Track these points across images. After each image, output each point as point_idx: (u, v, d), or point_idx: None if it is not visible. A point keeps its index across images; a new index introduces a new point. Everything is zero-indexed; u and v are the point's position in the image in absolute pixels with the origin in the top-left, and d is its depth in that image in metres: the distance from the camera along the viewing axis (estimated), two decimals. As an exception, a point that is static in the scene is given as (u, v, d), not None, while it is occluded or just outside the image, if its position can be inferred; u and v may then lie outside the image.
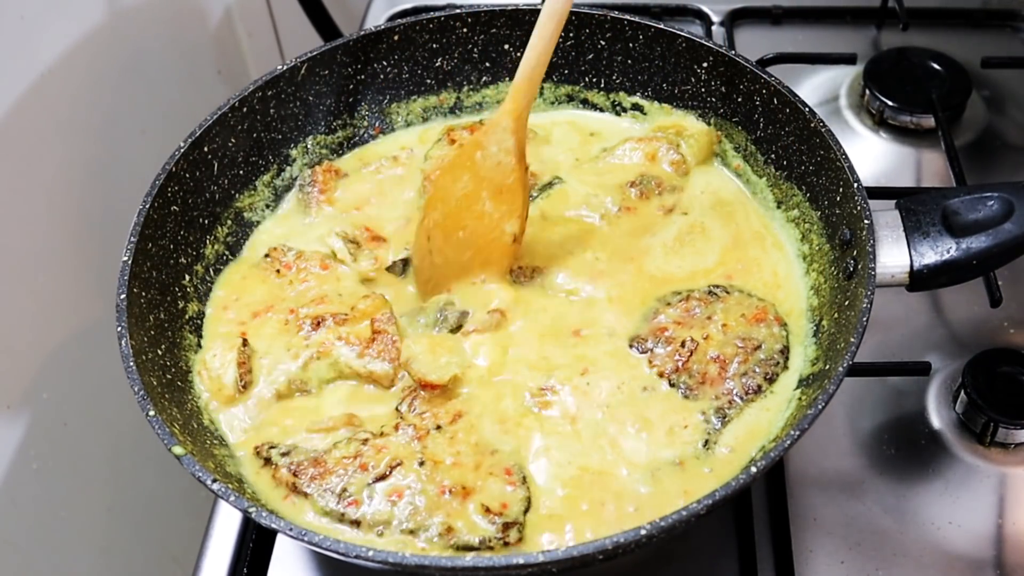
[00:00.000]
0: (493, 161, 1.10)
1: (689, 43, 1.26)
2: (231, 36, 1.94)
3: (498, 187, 1.11)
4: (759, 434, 1.02)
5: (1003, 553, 1.10)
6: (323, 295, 1.15)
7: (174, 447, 0.92)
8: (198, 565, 1.13)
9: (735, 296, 1.12)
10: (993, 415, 1.15)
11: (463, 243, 1.12)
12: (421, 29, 1.31)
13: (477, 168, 1.11)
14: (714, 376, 1.05)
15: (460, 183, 1.13)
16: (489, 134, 1.11)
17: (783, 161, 1.21)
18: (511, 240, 1.11)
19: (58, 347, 1.46)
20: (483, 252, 1.12)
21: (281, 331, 1.12)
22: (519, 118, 1.10)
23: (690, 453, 1.01)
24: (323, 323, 1.10)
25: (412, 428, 1.01)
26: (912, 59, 1.57)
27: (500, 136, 1.10)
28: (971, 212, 1.04)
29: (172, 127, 1.66)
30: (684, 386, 1.05)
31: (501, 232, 1.11)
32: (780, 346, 1.07)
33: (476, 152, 1.12)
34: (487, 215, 1.11)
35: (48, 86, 1.40)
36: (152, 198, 1.10)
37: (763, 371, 1.05)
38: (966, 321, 1.30)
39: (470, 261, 1.13)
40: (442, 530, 0.94)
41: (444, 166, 1.19)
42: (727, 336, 1.07)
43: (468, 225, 1.12)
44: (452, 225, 1.13)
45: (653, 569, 1.11)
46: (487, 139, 1.11)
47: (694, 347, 1.07)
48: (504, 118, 1.10)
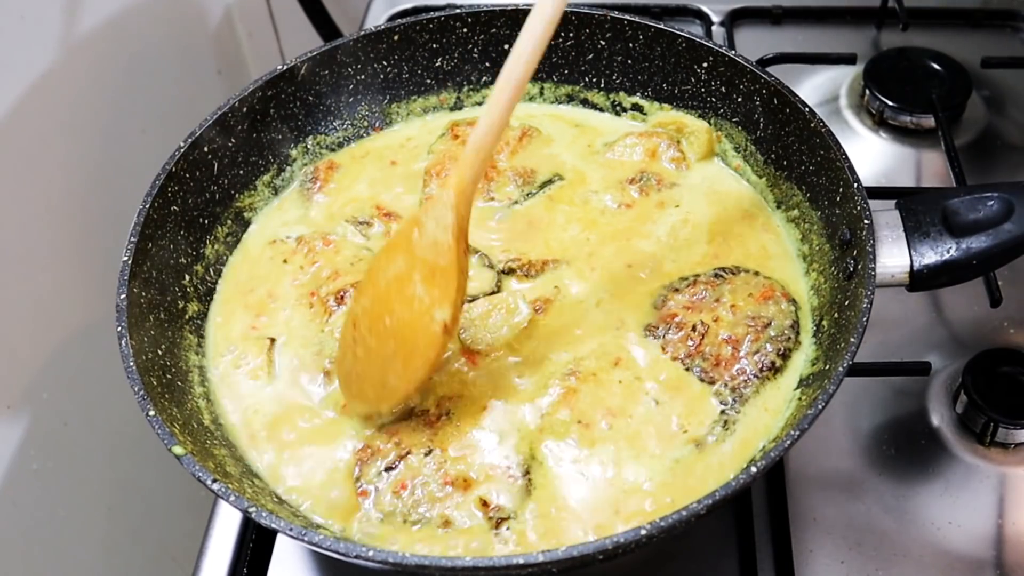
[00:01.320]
0: (429, 239, 0.99)
1: (689, 43, 1.26)
2: (231, 36, 1.94)
3: (431, 268, 0.99)
4: (759, 434, 1.02)
5: (1003, 553, 1.10)
6: (336, 269, 1.16)
7: (174, 447, 0.92)
8: (198, 565, 1.13)
9: (741, 276, 1.12)
10: (993, 415, 1.15)
11: (388, 331, 1.01)
12: (421, 29, 1.31)
13: (412, 247, 1.00)
14: (728, 357, 1.06)
15: (393, 264, 1.02)
16: (428, 210, 1.00)
17: (783, 161, 1.21)
18: (440, 329, 0.98)
19: (58, 347, 1.46)
20: (408, 342, 1.00)
21: (309, 318, 1.13)
22: (462, 192, 0.98)
23: (707, 435, 1.02)
24: (346, 295, 1.12)
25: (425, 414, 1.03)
26: (912, 59, 1.57)
27: (439, 212, 0.98)
28: (971, 212, 1.04)
29: (172, 127, 1.66)
30: (699, 369, 1.06)
31: (431, 319, 0.99)
32: (790, 321, 1.08)
33: (413, 230, 1.01)
34: (417, 299, 1.00)
35: (48, 86, 1.40)
36: (152, 198, 1.10)
37: (775, 348, 1.06)
38: (966, 321, 1.30)
39: (393, 354, 1.01)
40: (440, 522, 0.96)
41: (382, 249, 1.08)
42: (736, 316, 1.08)
43: (395, 310, 1.01)
44: (379, 310, 1.02)
45: (653, 569, 1.11)
46: (426, 215, 1.00)
47: (705, 330, 1.07)
48: (445, 192, 0.98)
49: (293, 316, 1.14)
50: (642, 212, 1.22)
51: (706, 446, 1.01)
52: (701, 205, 1.23)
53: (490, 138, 0.96)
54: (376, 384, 1.02)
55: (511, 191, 1.25)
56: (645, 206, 1.23)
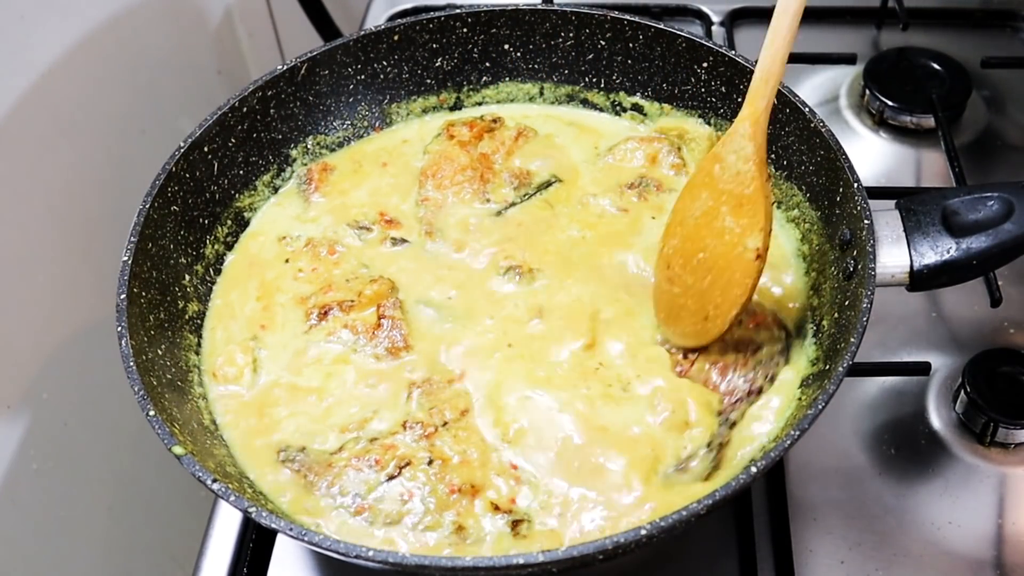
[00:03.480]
0: (732, 171, 1.03)
1: (689, 43, 1.26)
2: (231, 36, 1.94)
3: (738, 199, 1.03)
4: (759, 434, 1.02)
5: (1003, 553, 1.10)
6: (330, 283, 1.16)
7: (174, 447, 0.92)
8: (198, 565, 1.13)
9: None
10: (993, 415, 1.15)
11: (703, 266, 1.05)
12: (421, 29, 1.31)
13: (715, 182, 1.04)
14: (716, 382, 1.05)
15: (699, 202, 1.06)
16: (726, 143, 1.04)
17: (783, 161, 1.21)
18: (754, 256, 1.02)
19: (58, 347, 1.45)
20: (724, 274, 1.04)
21: (291, 323, 1.13)
22: (757, 122, 1.02)
23: (694, 456, 1.01)
24: (330, 312, 1.12)
25: (420, 426, 1.02)
26: (912, 59, 1.57)
27: (738, 143, 1.03)
28: (971, 212, 1.04)
29: (172, 127, 1.66)
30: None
31: (744, 248, 1.02)
32: (779, 347, 1.07)
33: (714, 165, 1.05)
34: (727, 231, 1.03)
35: (48, 86, 1.40)
36: (152, 198, 1.10)
37: (764, 372, 1.05)
38: (966, 321, 1.30)
39: (710, 286, 1.05)
40: (454, 528, 0.95)
41: (684, 188, 1.10)
42: (726, 342, 1.07)
43: (708, 245, 1.04)
44: (691, 248, 1.06)
45: (653, 569, 1.11)
46: (724, 149, 1.04)
47: (695, 356, 1.07)
48: (741, 124, 1.03)
49: (275, 318, 1.14)
50: (637, 217, 1.21)
51: (691, 469, 1.00)
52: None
53: (777, 65, 1.01)
54: (697, 318, 1.06)
55: (507, 193, 1.25)
56: (641, 211, 1.22)
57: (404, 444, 1.01)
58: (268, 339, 1.12)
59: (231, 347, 1.11)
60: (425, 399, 1.05)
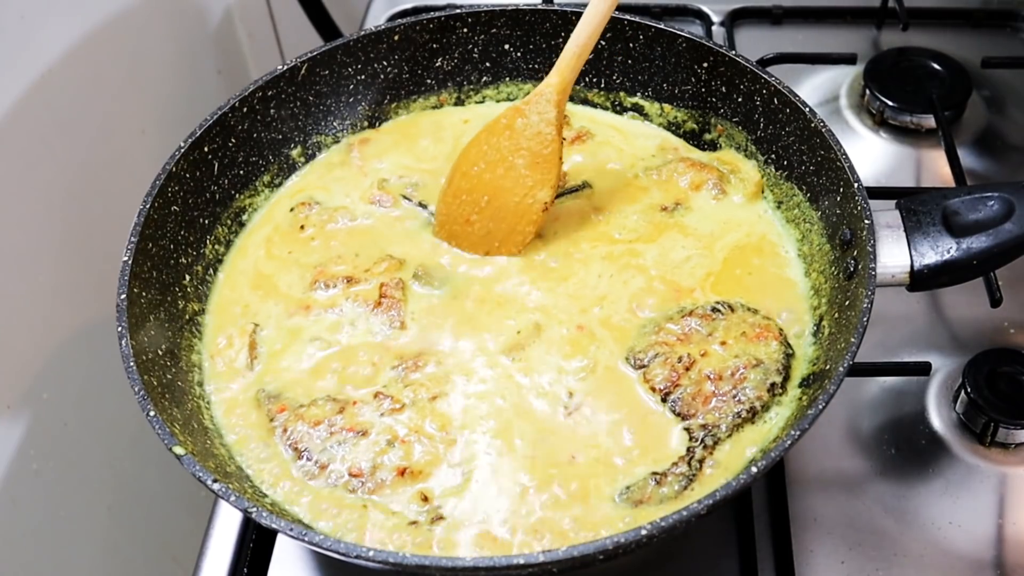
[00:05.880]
0: (533, 130, 1.16)
1: (689, 43, 1.26)
2: (231, 36, 1.94)
3: (535, 156, 1.16)
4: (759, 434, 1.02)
5: (1003, 553, 1.10)
6: (339, 255, 1.18)
7: (174, 447, 0.92)
8: (198, 565, 1.13)
9: (738, 313, 1.09)
10: (993, 415, 1.15)
11: (490, 206, 1.17)
12: (421, 29, 1.31)
13: (516, 135, 1.16)
14: (708, 394, 1.03)
15: (496, 148, 1.17)
16: (531, 103, 1.16)
17: (783, 161, 1.21)
18: (541, 208, 1.16)
19: (58, 347, 1.45)
20: (512, 216, 1.17)
21: (295, 287, 1.16)
22: (564, 91, 1.15)
23: (669, 471, 0.99)
24: (334, 285, 1.15)
25: (390, 400, 1.04)
26: (912, 59, 1.57)
27: (543, 107, 1.15)
28: (971, 212, 1.04)
29: (172, 127, 1.66)
30: (677, 402, 1.03)
31: (533, 200, 1.16)
32: (779, 365, 1.04)
33: (517, 119, 1.17)
34: (521, 179, 1.16)
35: (48, 86, 1.40)
36: (152, 198, 1.10)
37: (757, 392, 1.02)
38: (966, 321, 1.30)
39: (499, 223, 1.17)
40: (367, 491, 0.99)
41: (483, 129, 1.21)
42: (726, 353, 1.05)
43: (502, 187, 1.17)
44: (483, 188, 1.18)
45: (653, 569, 1.11)
46: (529, 108, 1.16)
47: (690, 363, 1.04)
48: (548, 88, 1.15)
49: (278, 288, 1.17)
50: (654, 233, 1.20)
51: (665, 482, 0.98)
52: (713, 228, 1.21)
53: (588, 42, 1.15)
54: (484, 243, 1.18)
55: None
56: (661, 228, 1.20)
57: (368, 414, 1.03)
58: (265, 309, 1.15)
59: (230, 330, 1.13)
60: (405, 376, 1.07)
